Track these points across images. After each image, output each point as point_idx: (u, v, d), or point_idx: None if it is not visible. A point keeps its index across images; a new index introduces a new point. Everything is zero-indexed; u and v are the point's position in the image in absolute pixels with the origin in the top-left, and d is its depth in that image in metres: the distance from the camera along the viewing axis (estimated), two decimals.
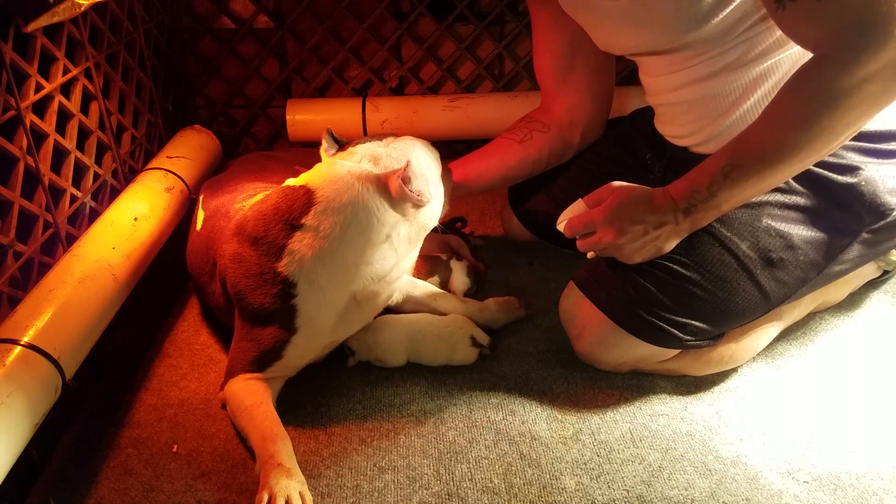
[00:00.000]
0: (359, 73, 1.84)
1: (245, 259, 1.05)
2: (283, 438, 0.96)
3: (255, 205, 1.10)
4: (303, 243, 1.01)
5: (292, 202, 1.03)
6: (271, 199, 1.07)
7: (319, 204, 1.02)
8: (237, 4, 1.77)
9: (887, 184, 1.01)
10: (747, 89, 1.02)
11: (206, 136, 1.69)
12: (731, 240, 1.02)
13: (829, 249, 1.04)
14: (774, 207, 1.02)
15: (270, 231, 1.03)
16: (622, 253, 1.02)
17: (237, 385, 1.04)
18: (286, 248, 1.02)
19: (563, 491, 0.94)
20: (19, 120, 1.05)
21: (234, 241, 1.08)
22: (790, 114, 0.88)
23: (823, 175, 1.01)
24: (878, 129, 1.03)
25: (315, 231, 1.01)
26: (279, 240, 1.02)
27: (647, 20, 1.00)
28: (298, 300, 1.02)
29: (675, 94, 1.11)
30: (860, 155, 1.02)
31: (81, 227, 1.25)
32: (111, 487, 0.96)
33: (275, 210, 1.04)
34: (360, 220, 1.01)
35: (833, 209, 1.02)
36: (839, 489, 0.93)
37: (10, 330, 0.93)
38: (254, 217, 1.07)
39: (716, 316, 1.04)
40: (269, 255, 1.03)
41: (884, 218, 1.02)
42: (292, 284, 1.01)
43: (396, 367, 1.17)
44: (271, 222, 1.04)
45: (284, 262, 1.01)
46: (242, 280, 1.05)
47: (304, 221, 1.02)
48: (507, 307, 1.26)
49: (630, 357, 1.10)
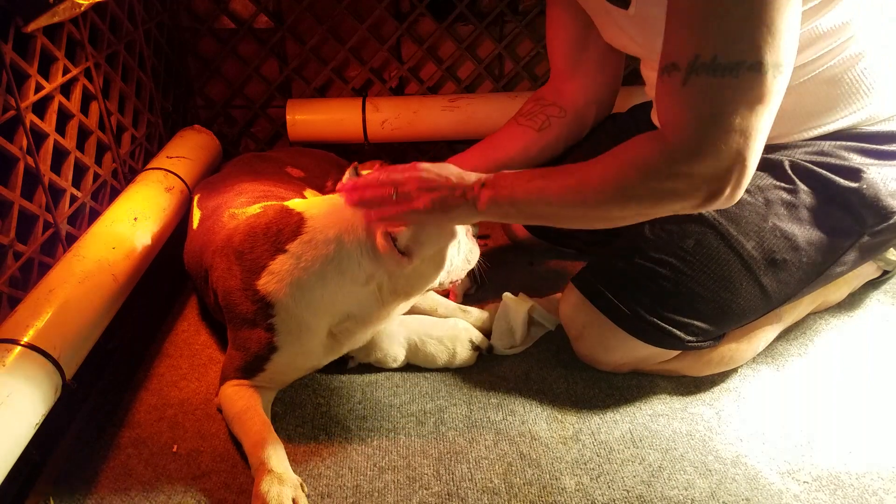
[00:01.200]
0: (359, 73, 1.84)
1: (231, 272, 1.05)
2: (273, 443, 0.96)
3: (250, 218, 1.09)
4: (283, 268, 1.00)
5: (283, 225, 1.02)
6: (266, 216, 1.06)
7: (306, 234, 1.00)
8: (237, 4, 1.77)
9: (889, 186, 1.01)
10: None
11: (206, 136, 1.69)
12: (737, 239, 1.01)
13: (832, 251, 1.04)
14: (781, 207, 1.02)
15: (256, 248, 1.03)
16: (411, 185, 0.95)
17: (229, 390, 1.04)
18: (266, 269, 1.01)
19: (563, 491, 0.94)
20: (19, 120, 1.04)
21: (222, 253, 1.08)
22: (605, 169, 0.88)
23: (827, 177, 1.01)
24: (879, 129, 1.03)
25: (297, 259, 1.00)
26: (262, 259, 1.02)
27: (647, 32, 1.00)
28: (276, 320, 1.01)
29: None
30: (862, 156, 1.02)
31: (81, 227, 1.25)
32: (111, 487, 0.96)
33: (265, 229, 1.04)
34: (341, 261, 0.99)
35: (836, 210, 1.02)
36: (839, 489, 0.94)
37: (10, 330, 0.93)
38: (244, 231, 1.06)
39: (717, 316, 1.04)
40: (252, 271, 1.02)
41: (886, 220, 1.03)
42: (270, 304, 1.01)
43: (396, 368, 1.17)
44: (259, 240, 1.03)
45: (263, 282, 1.01)
46: (228, 293, 1.05)
47: (289, 247, 1.00)
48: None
49: (630, 358, 1.10)
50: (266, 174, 1.37)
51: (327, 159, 1.64)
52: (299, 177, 1.42)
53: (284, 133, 1.83)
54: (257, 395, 1.04)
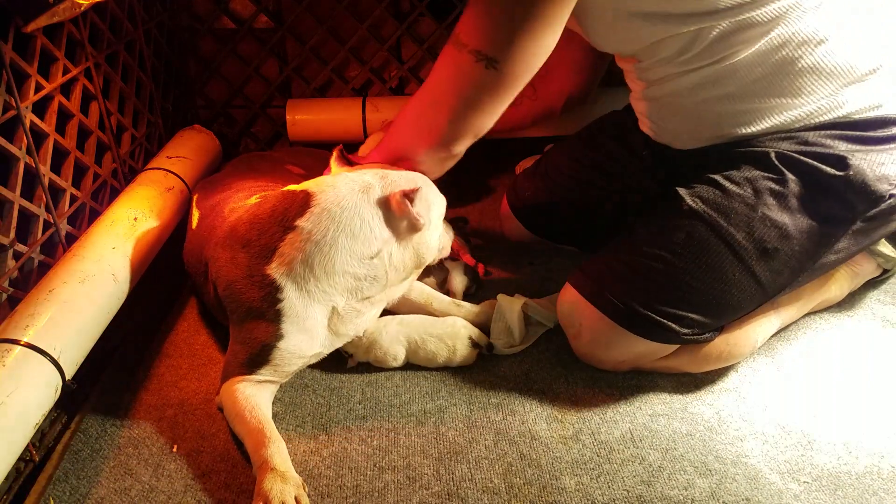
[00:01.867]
0: (359, 73, 1.84)
1: (235, 262, 1.05)
2: (275, 441, 0.96)
3: (251, 207, 1.10)
4: (294, 246, 1.01)
5: (289, 204, 1.03)
6: (269, 202, 1.07)
7: (316, 206, 1.02)
8: (237, 4, 1.77)
9: (876, 171, 1.02)
10: (698, 91, 1.06)
11: (206, 136, 1.69)
12: (728, 230, 1.02)
13: (824, 238, 1.04)
14: (770, 196, 1.03)
15: (264, 233, 1.03)
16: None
17: (230, 388, 1.04)
18: (277, 251, 1.02)
19: (563, 491, 0.94)
20: (19, 120, 1.04)
21: (225, 244, 1.08)
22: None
23: (813, 165, 1.02)
24: (864, 116, 1.03)
25: (308, 233, 1.01)
26: (272, 242, 1.02)
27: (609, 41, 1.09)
28: (284, 304, 1.01)
29: (640, 104, 1.18)
30: (847, 143, 1.03)
31: (81, 227, 1.25)
32: (111, 487, 0.96)
33: (271, 212, 1.04)
34: (354, 228, 1.01)
35: (826, 198, 1.03)
36: (839, 489, 0.94)
37: (10, 330, 0.93)
38: (248, 220, 1.07)
39: (712, 307, 1.05)
40: (260, 257, 1.02)
41: (876, 205, 1.03)
42: (279, 288, 1.01)
43: (396, 368, 1.17)
44: (266, 224, 1.04)
45: (274, 265, 1.01)
46: (232, 283, 1.05)
47: (298, 223, 1.01)
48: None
49: (629, 355, 1.10)
50: (266, 173, 1.37)
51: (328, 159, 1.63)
52: (300, 174, 1.42)
53: (284, 133, 1.83)
54: (261, 394, 1.04)
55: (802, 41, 1.00)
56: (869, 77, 1.03)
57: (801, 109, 1.03)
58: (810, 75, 1.01)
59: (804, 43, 1.00)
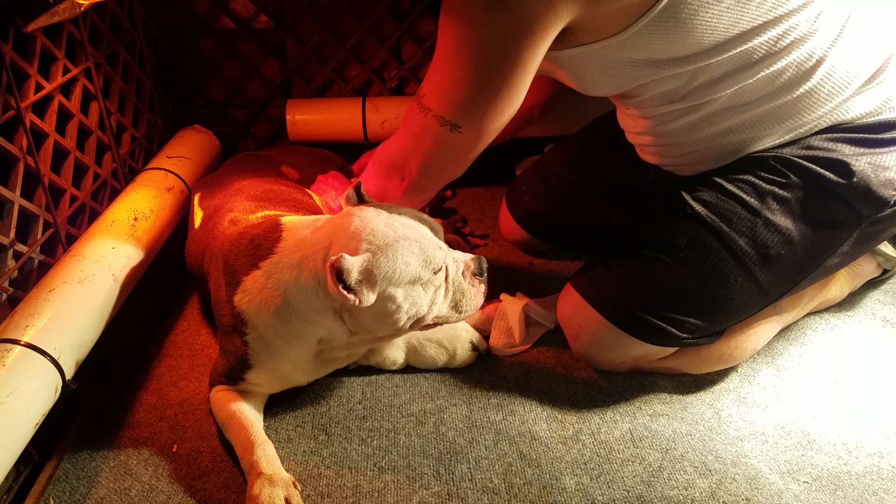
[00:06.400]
0: (359, 73, 1.84)
1: (218, 280, 1.05)
2: (261, 445, 0.95)
3: (245, 228, 1.07)
4: (254, 286, 0.97)
5: (264, 240, 0.99)
6: (258, 228, 1.03)
7: (277, 254, 0.96)
8: (237, 4, 1.77)
9: (880, 176, 1.01)
10: (684, 130, 1.06)
11: (206, 136, 1.69)
12: (730, 235, 1.02)
13: (828, 243, 1.04)
14: (773, 201, 1.02)
15: (239, 260, 1.00)
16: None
17: (217, 395, 1.04)
18: (241, 284, 0.99)
19: (563, 491, 0.94)
20: (19, 120, 1.04)
21: (214, 260, 1.08)
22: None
23: (817, 171, 1.01)
24: (868, 121, 1.02)
25: (266, 279, 0.96)
26: (239, 273, 0.99)
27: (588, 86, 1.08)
28: (249, 339, 0.99)
29: (635, 137, 1.19)
30: (851, 146, 1.02)
31: (81, 227, 1.25)
32: (111, 487, 0.96)
33: (250, 241, 1.01)
34: (301, 289, 0.93)
35: (830, 203, 1.02)
36: (839, 489, 0.94)
37: (10, 330, 0.93)
38: (234, 241, 1.04)
39: (712, 312, 1.04)
40: (230, 285, 1.01)
41: (881, 210, 1.02)
42: (244, 321, 0.99)
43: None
44: (243, 252, 1.00)
45: (238, 297, 0.99)
46: (217, 301, 1.05)
47: (262, 265, 0.97)
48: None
49: (628, 356, 1.10)
50: (265, 173, 1.36)
51: (324, 157, 1.63)
52: (294, 178, 1.42)
53: (284, 133, 1.83)
54: (245, 400, 1.03)
55: (800, 67, 0.97)
56: (872, 83, 1.01)
57: (806, 127, 1.02)
58: (812, 97, 0.99)
59: (802, 67, 0.97)
